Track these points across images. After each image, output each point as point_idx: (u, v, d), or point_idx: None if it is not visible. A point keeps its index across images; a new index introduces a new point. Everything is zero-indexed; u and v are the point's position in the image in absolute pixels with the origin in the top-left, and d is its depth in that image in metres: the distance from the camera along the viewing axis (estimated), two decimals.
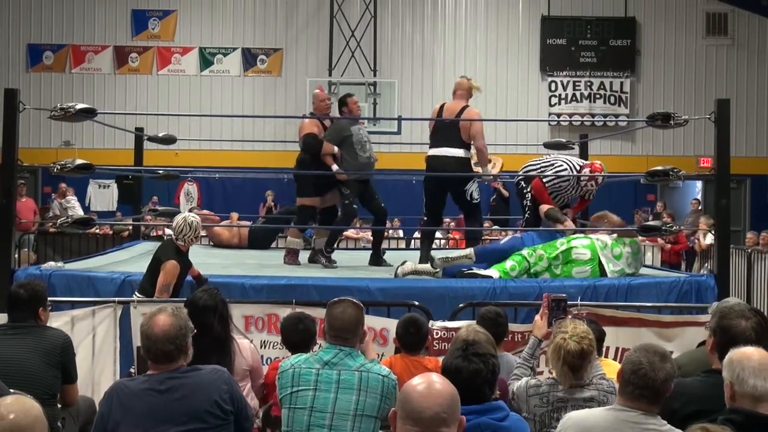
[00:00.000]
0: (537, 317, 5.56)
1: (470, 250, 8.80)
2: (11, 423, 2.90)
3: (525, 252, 8.58)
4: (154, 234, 15.86)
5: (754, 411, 3.57)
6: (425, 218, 9.77)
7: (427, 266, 8.81)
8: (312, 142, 9.63)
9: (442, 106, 9.53)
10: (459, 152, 9.18)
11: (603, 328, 6.05)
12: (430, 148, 9.40)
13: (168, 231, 15.34)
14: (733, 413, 3.57)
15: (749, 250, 12.72)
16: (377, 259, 10.15)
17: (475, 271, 8.43)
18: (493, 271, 8.40)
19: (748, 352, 3.67)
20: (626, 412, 3.79)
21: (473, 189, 9.28)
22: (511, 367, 5.55)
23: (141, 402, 4.07)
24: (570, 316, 5.46)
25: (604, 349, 6.40)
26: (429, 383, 3.10)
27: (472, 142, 9.28)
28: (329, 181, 9.81)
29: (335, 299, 4.68)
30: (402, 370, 5.45)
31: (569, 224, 9.36)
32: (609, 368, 5.31)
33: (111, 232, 16.51)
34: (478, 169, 9.80)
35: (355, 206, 9.68)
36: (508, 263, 8.48)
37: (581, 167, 9.86)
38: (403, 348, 5.73)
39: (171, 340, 4.13)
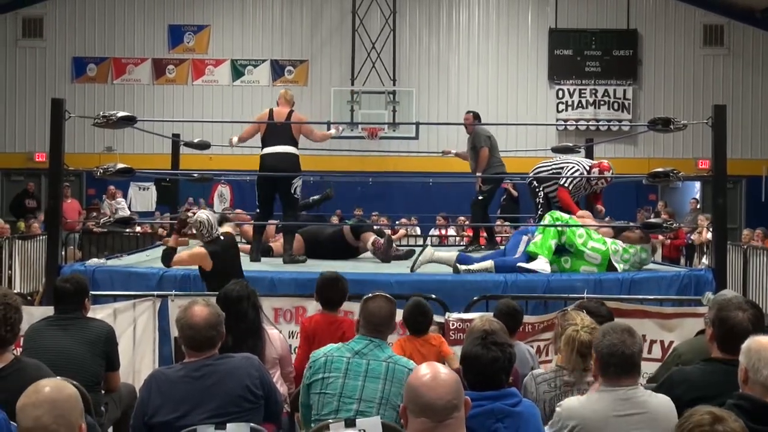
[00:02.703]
0: None
1: (491, 264, 8.65)
2: (46, 395, 2.91)
3: (556, 214, 8.58)
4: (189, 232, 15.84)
5: (762, 400, 3.51)
6: (257, 211, 9.94)
7: (449, 254, 8.82)
8: None
9: (271, 111, 9.85)
10: (292, 149, 9.59)
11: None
12: (264, 147, 9.65)
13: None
14: (741, 399, 3.53)
15: (745, 246, 12.64)
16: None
17: (530, 267, 8.34)
18: (542, 263, 8.31)
19: (766, 343, 3.61)
20: (615, 392, 3.80)
21: (298, 185, 9.63)
22: (523, 355, 5.53)
23: (178, 388, 4.08)
24: (571, 308, 5.43)
25: None
26: (434, 374, 3.03)
27: (308, 137, 9.98)
28: None
29: (370, 295, 4.70)
30: (412, 350, 5.46)
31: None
32: None
33: (150, 231, 16.55)
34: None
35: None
36: (551, 242, 8.39)
37: (590, 167, 9.87)
38: (411, 331, 5.72)
39: (213, 326, 4.18)
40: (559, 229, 8.46)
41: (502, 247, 9.69)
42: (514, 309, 5.95)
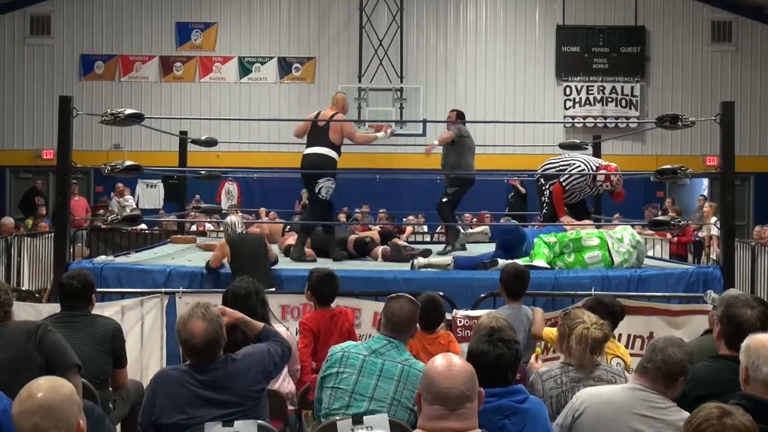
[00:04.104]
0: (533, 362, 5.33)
1: (450, 260, 8.69)
2: (39, 401, 2.90)
3: (544, 238, 8.53)
4: (197, 229, 15.89)
5: (764, 399, 3.50)
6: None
7: (442, 259, 8.80)
8: None
9: (318, 113, 9.86)
10: (325, 150, 9.55)
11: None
12: (306, 148, 9.71)
13: (209, 226, 15.42)
14: (744, 399, 3.50)
15: (753, 243, 12.61)
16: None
17: (531, 264, 8.31)
18: (540, 261, 8.33)
19: (764, 340, 3.60)
20: (640, 391, 3.80)
21: (323, 187, 9.53)
22: (529, 317, 5.69)
23: (183, 389, 4.10)
24: (572, 307, 5.45)
25: (616, 336, 6.41)
26: (449, 364, 3.13)
27: (350, 139, 9.85)
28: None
29: (393, 295, 4.75)
30: (419, 349, 5.45)
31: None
32: (619, 350, 5.48)
33: (158, 228, 16.54)
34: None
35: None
36: (545, 251, 8.40)
37: (598, 167, 9.83)
38: (421, 327, 5.68)
39: (212, 343, 4.16)
40: (549, 242, 8.45)
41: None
42: (521, 271, 5.99)
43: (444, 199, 10.24)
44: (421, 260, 8.68)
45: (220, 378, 4.14)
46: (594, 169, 9.78)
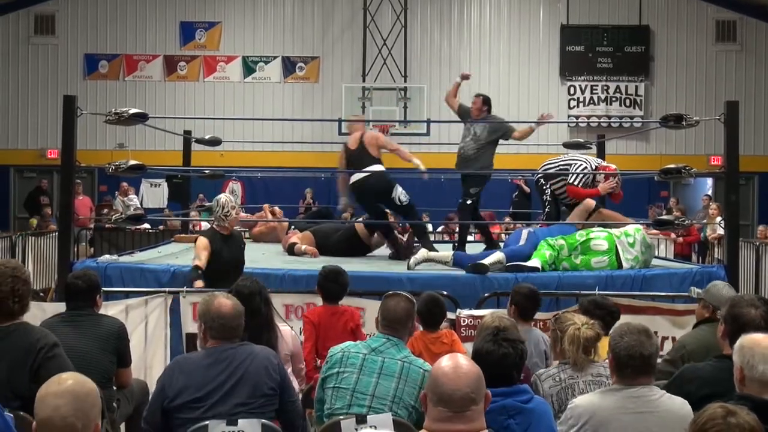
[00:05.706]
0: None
1: (502, 256, 8.65)
2: (67, 387, 2.98)
3: (550, 240, 8.51)
4: (198, 228, 15.88)
5: (762, 398, 3.49)
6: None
7: (440, 254, 8.79)
8: None
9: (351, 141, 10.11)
10: (376, 167, 9.86)
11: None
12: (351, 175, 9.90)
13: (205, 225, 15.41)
14: (741, 399, 3.48)
15: (757, 243, 12.61)
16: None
17: (521, 264, 8.33)
18: (536, 261, 8.32)
19: (758, 339, 3.61)
20: (627, 389, 3.80)
21: (398, 194, 9.78)
22: (538, 340, 5.57)
23: (200, 372, 4.18)
24: (561, 312, 5.46)
25: None
26: (455, 366, 3.11)
27: (384, 151, 10.02)
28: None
29: (390, 292, 4.74)
30: (422, 348, 5.45)
31: None
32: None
33: (163, 227, 16.56)
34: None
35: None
36: (547, 252, 8.36)
37: (597, 167, 9.82)
38: (424, 325, 5.70)
39: (240, 315, 4.34)
40: (555, 245, 8.43)
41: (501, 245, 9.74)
42: (534, 291, 5.98)
43: (468, 201, 10.15)
44: (419, 255, 8.66)
45: (236, 358, 4.22)
46: (594, 167, 9.79)
